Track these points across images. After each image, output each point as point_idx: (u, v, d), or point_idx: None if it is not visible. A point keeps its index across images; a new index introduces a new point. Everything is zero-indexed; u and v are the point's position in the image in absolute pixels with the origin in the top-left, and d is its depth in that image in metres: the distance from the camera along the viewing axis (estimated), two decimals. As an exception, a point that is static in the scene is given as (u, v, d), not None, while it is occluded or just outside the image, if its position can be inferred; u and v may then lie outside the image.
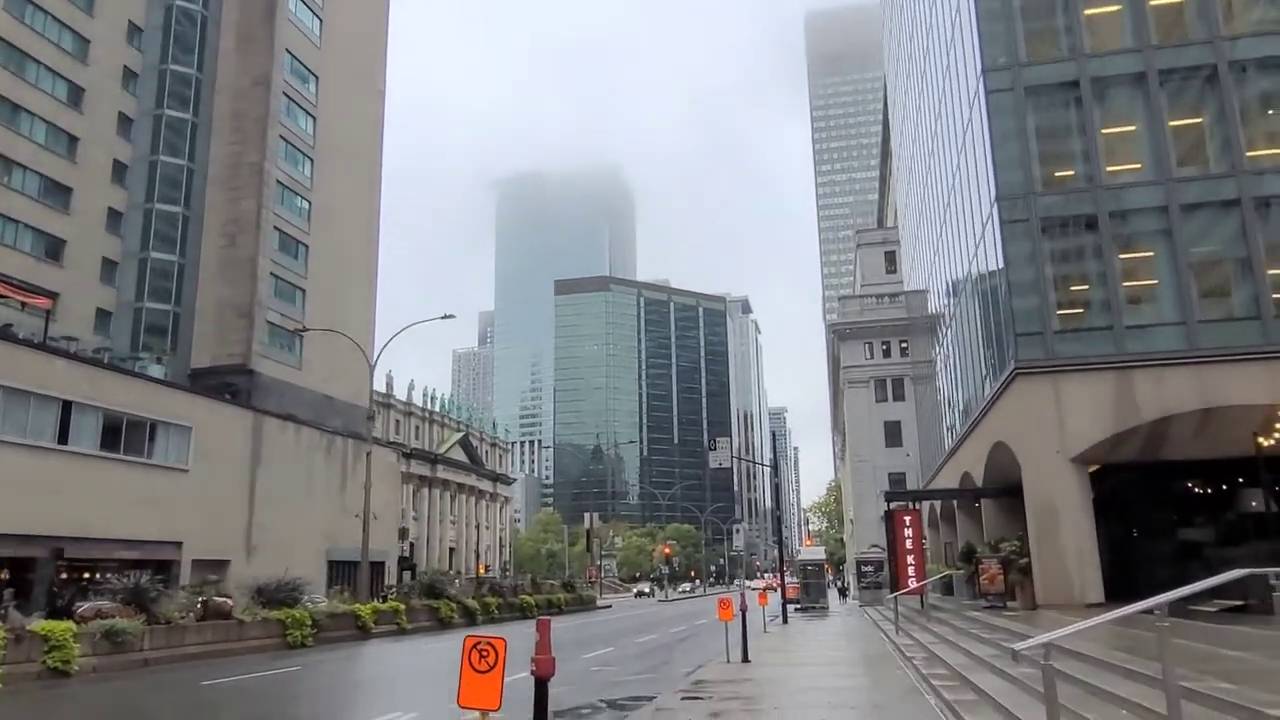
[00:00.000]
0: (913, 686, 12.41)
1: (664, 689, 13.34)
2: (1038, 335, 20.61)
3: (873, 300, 74.14)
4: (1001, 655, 12.43)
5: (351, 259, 55.17)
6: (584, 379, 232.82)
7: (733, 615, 16.96)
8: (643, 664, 18.67)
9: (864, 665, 15.72)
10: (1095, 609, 19.03)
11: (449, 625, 31.83)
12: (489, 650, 5.52)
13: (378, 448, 59.36)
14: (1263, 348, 19.21)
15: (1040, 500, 20.18)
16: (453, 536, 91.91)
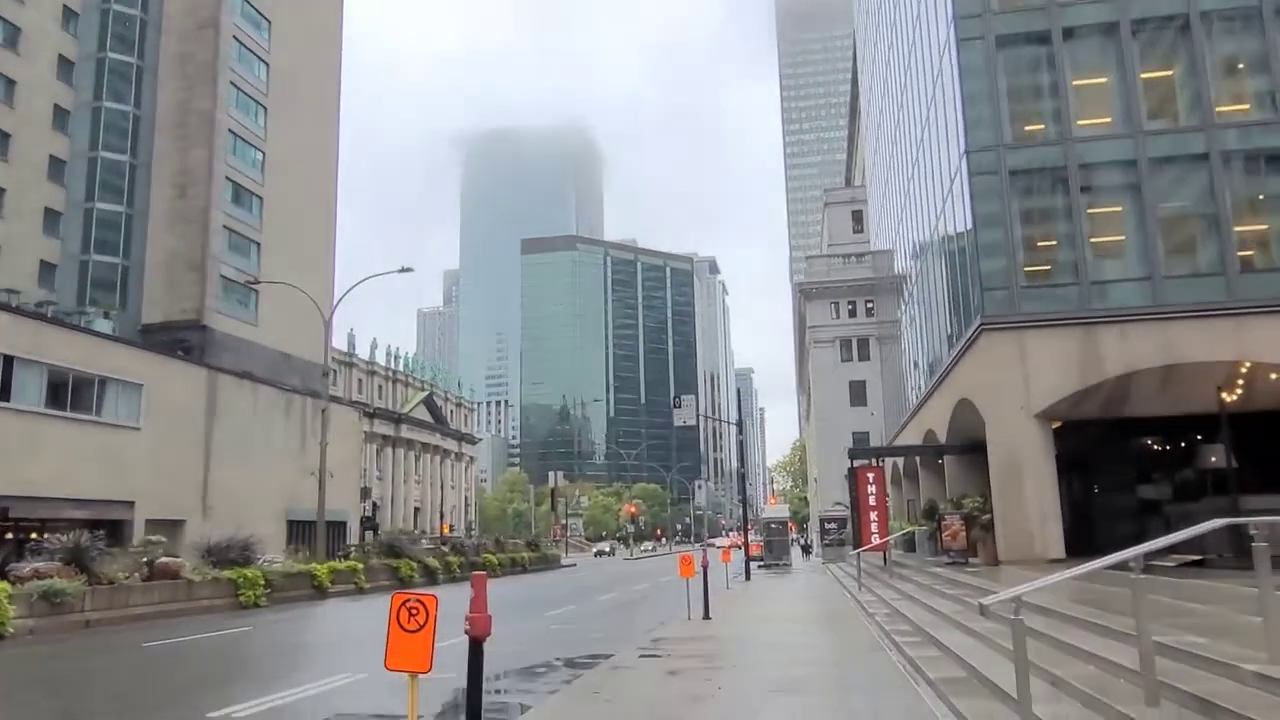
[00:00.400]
0: (875, 643, 12.20)
1: (623, 647, 13.03)
2: (1004, 290, 20.37)
3: (839, 260, 73.99)
4: (965, 611, 12.25)
5: (309, 213, 53.69)
6: (551, 339, 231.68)
7: (694, 572, 16.69)
8: (604, 622, 18.41)
9: (826, 622, 15.55)
10: (1056, 565, 19.06)
11: (409, 584, 31.40)
12: (419, 608, 5.06)
13: (338, 406, 58.42)
14: (1226, 304, 19.11)
15: (1004, 456, 20.09)
16: (418, 496, 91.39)
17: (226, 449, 43.51)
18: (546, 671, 11.53)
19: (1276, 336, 18.74)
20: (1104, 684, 6.55)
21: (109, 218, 43.76)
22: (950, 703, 7.32)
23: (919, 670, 9.15)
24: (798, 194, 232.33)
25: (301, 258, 51.20)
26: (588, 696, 8.67)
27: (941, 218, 25.03)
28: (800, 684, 8.99)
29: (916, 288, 32.35)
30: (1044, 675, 7.06)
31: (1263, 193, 20.36)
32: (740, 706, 8.01)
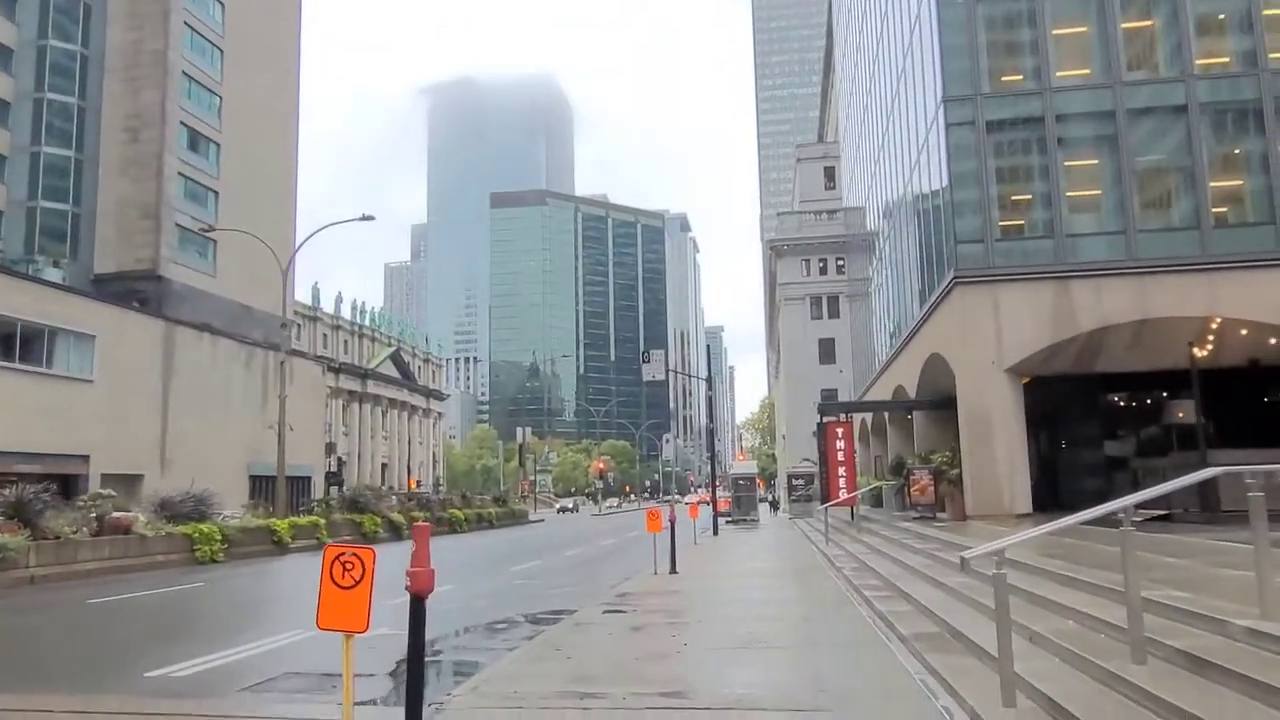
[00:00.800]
0: (843, 597, 11.98)
1: (587, 602, 12.72)
2: (979, 244, 20.05)
3: (811, 216, 73.54)
4: (935, 565, 12.05)
5: (268, 160, 52.12)
6: (520, 295, 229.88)
7: (661, 527, 16.41)
8: (569, 576, 18.12)
9: (793, 576, 15.35)
10: (1024, 520, 19.02)
11: (374, 540, 30.93)
12: (354, 563, 4.60)
13: (301, 360, 57.34)
14: (1200, 259, 18.95)
15: (974, 411, 19.93)
16: (385, 452, 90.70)
17: (185, 403, 42.52)
18: (507, 628, 11.18)
19: (1247, 292, 18.65)
20: (1084, 640, 6.28)
21: (57, 163, 42.07)
22: (925, 660, 7.03)
23: (890, 625, 8.89)
24: (770, 150, 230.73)
25: (261, 207, 49.77)
26: (547, 653, 8.30)
27: (916, 170, 24.60)
28: (767, 639, 8.69)
29: (888, 244, 32.02)
30: (1021, 631, 6.77)
31: (1238, 147, 20.15)
32: (704, 663, 7.68)
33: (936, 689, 6.28)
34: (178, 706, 6.94)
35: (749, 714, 5.90)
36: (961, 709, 5.66)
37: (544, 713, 6.11)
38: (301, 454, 52.95)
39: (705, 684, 6.82)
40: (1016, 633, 6.66)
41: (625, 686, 6.73)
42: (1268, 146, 19.24)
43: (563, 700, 6.41)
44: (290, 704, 7.07)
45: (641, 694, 6.48)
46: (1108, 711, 4.89)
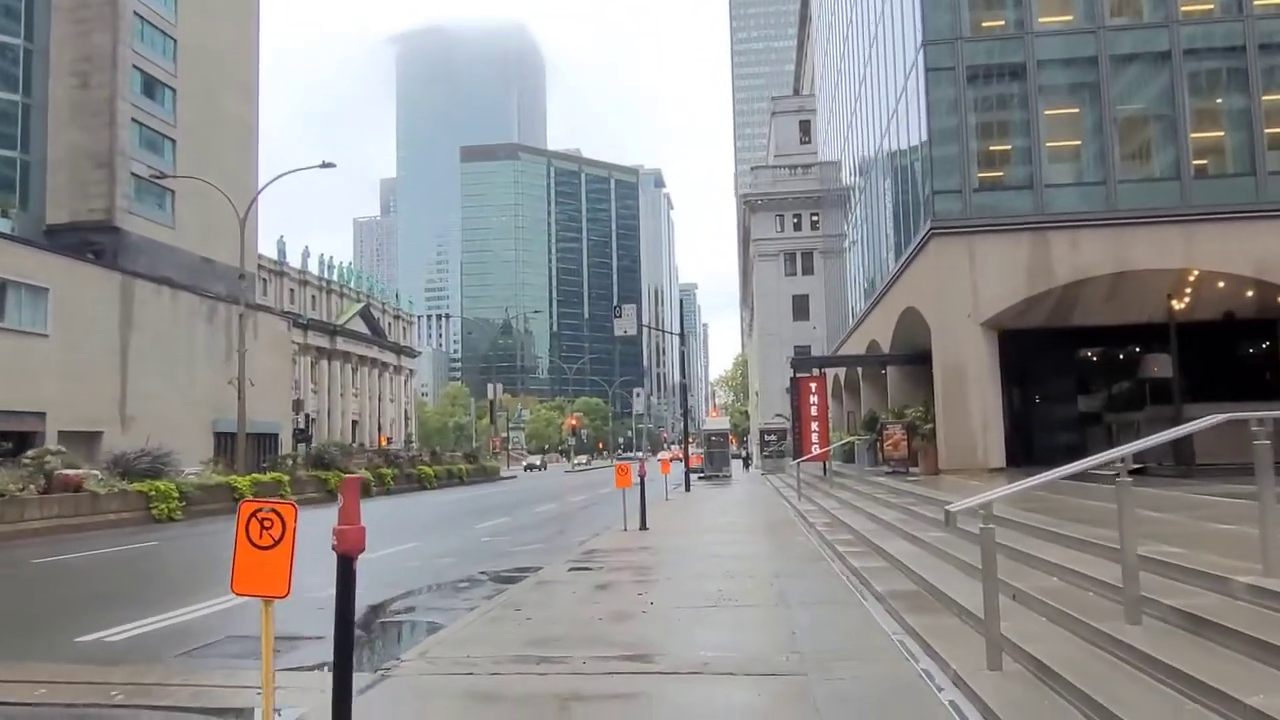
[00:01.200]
0: (816, 553, 11.66)
1: (554, 559, 12.34)
2: (956, 194, 19.59)
3: (785, 171, 72.74)
4: (910, 519, 11.75)
5: (228, 108, 50.36)
6: (492, 251, 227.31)
7: (630, 483, 16.03)
8: (537, 533, 17.74)
9: (765, 532, 15.06)
10: (997, 474, 18.85)
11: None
12: (273, 520, 4.09)
13: (266, 315, 56.19)
14: (1179, 210, 18.64)
15: (948, 365, 19.64)
16: (355, 410, 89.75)
17: (145, 358, 41.46)
18: (469, 587, 10.76)
19: (1225, 245, 18.41)
20: (1072, 598, 5.93)
21: (3, 108, 40.30)
22: (903, 619, 6.67)
23: (865, 582, 8.55)
24: (745, 105, 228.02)
25: (221, 156, 48.14)
26: (506, 614, 7.87)
27: (893, 119, 24.01)
28: (737, 598, 8.32)
29: (864, 196, 31.50)
30: (1004, 589, 6.42)
31: (1221, 96, 19.76)
32: (671, 624, 7.29)
33: (916, 650, 5.92)
34: (103, 674, 6.44)
35: (717, 679, 5.50)
36: (943, 672, 5.29)
37: (496, 679, 5.68)
38: (268, 411, 52.14)
39: (672, 646, 6.42)
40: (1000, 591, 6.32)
41: (586, 649, 6.32)
42: (1251, 95, 18.86)
43: (518, 665, 5.98)
44: (224, 670, 6.61)
45: (603, 657, 6.07)
46: (1102, 675, 4.53)
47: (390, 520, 22.75)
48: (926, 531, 10.24)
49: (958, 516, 5.25)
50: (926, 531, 10.24)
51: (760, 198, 71.83)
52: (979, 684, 4.79)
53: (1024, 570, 7.00)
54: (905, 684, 5.25)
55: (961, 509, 5.23)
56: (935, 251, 19.76)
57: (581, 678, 5.61)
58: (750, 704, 5.07)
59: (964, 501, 5.33)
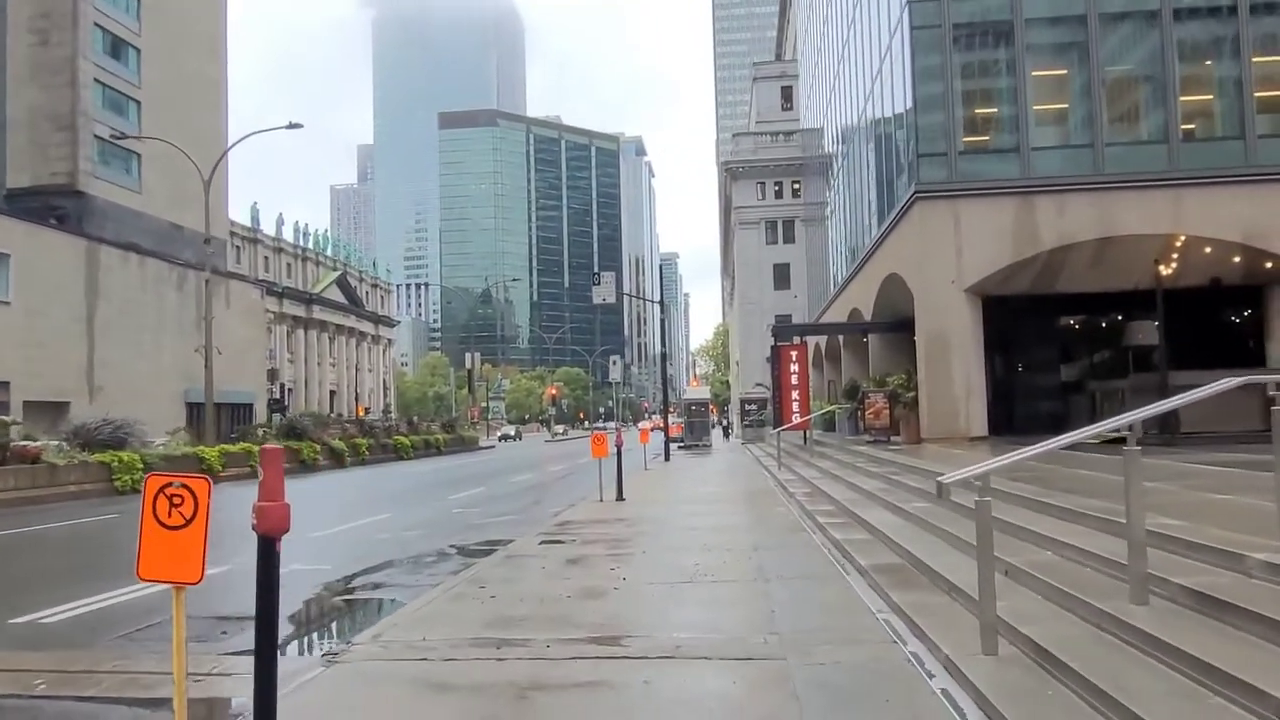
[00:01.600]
0: (797, 524, 11.30)
1: (527, 531, 11.93)
2: (942, 156, 19.10)
3: (767, 138, 71.94)
4: (893, 489, 11.40)
5: (195, 69, 48.92)
6: (471, 219, 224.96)
7: (607, 452, 15.60)
8: (511, 504, 17.32)
9: (745, 502, 14.70)
10: (979, 443, 18.59)
11: (313, 468, 29.88)
12: (183, 497, 3.59)
13: (238, 283, 55.14)
14: (1167, 174, 18.27)
15: (931, 332, 19.28)
16: (333, 380, 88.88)
17: (113, 326, 40.52)
18: (436, 561, 10.32)
19: (1213, 209, 18.10)
20: (1070, 575, 5.55)
21: (-42, 66, 38.85)
22: (888, 596, 6.29)
23: (847, 555, 8.18)
24: (727, 73, 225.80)
25: (189, 118, 46.79)
26: (470, 591, 7.44)
27: (877, 80, 23.43)
28: (714, 573, 7.92)
29: (846, 162, 30.95)
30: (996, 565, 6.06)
31: (1211, 58, 19.33)
32: (644, 602, 6.88)
33: (903, 631, 5.53)
34: (30, 661, 5.95)
35: (690, 665, 5.09)
36: (933, 656, 4.90)
37: (451, 666, 5.24)
38: (242, 380, 51.33)
39: (643, 626, 6.01)
40: (992, 566, 5.96)
41: (551, 631, 5.89)
42: (1240, 57, 18.46)
43: (477, 649, 5.54)
44: (159, 655, 6.12)
45: (569, 640, 5.65)
46: (1107, 660, 4.15)
47: (364, 491, 22.28)
48: (910, 502, 9.89)
49: (950, 488, 4.83)
50: (910, 502, 9.89)
51: (741, 165, 71.07)
52: (973, 670, 4.40)
53: (1016, 544, 6.63)
54: (892, 669, 4.86)
55: (955, 480, 4.82)
56: (919, 216, 19.32)
57: (544, 664, 5.18)
58: (725, 691, 4.67)
59: (958, 472, 4.91)
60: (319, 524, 14.36)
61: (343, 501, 19.51)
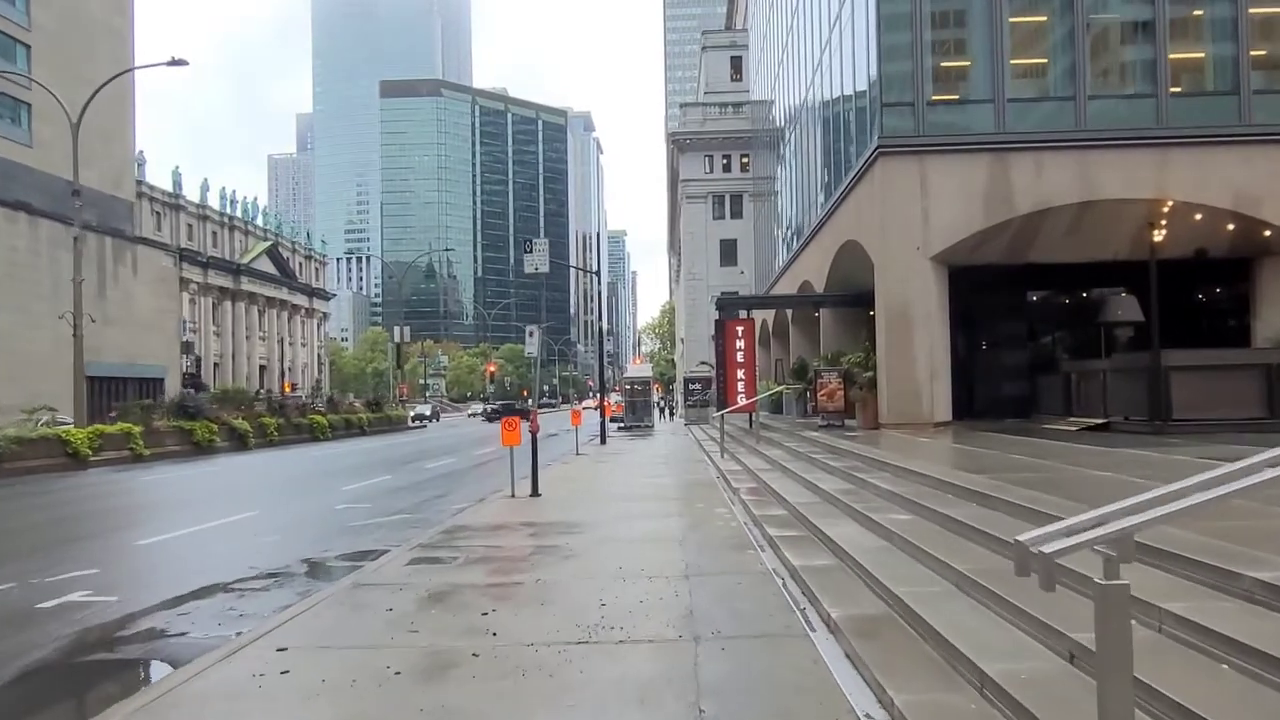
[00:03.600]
0: (741, 537, 9.07)
1: (409, 539, 9.57)
2: (908, 107, 16.97)
3: (716, 109, 69.71)
4: (859, 491, 9.23)
5: (94, 14, 44.73)
6: (414, 192, 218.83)
7: (518, 440, 13.23)
8: (411, 498, 14.87)
9: (680, 502, 12.45)
10: (943, 429, 16.66)
11: (209, 450, 26.91)
12: None
13: (147, 249, 51.22)
14: (1154, 131, 16.44)
15: (893, 305, 17.24)
16: (263, 354, 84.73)
17: (1, 292, 36.80)
18: (271, 586, 7.87)
19: (1200, 172, 16.36)
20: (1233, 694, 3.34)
21: None
22: (880, 687, 4.03)
23: (810, 597, 5.95)
24: (677, 48, 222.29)
25: (87, 68, 42.64)
26: (259, 659, 5.03)
27: (836, 26, 21.18)
28: (623, 622, 5.63)
29: (800, 119, 28.72)
30: (1060, 641, 3.85)
31: (1202, 6, 17.45)
32: (507, 688, 4.54)
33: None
34: None
35: None
36: None
37: None
38: (150, 353, 47.79)
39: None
40: (1051, 646, 3.75)
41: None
42: (1236, 5, 16.63)
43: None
44: None
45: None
46: None
47: (246, 480, 19.54)
48: (885, 512, 7.71)
49: (1048, 560, 2.53)
50: (885, 512, 7.71)
51: (689, 137, 68.76)
52: None
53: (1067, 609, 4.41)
54: None
55: (1062, 546, 2.53)
56: (882, 174, 17.19)
57: None
58: None
59: (1062, 529, 2.64)
60: (160, 526, 11.78)
61: (211, 493, 16.82)
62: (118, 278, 46.34)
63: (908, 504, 7.72)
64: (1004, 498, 6.71)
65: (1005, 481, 7.64)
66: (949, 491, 7.77)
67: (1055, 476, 8.00)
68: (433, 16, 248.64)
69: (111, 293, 45.11)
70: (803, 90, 26.33)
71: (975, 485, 7.57)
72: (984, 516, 6.52)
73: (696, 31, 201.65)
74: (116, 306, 44.90)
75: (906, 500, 7.82)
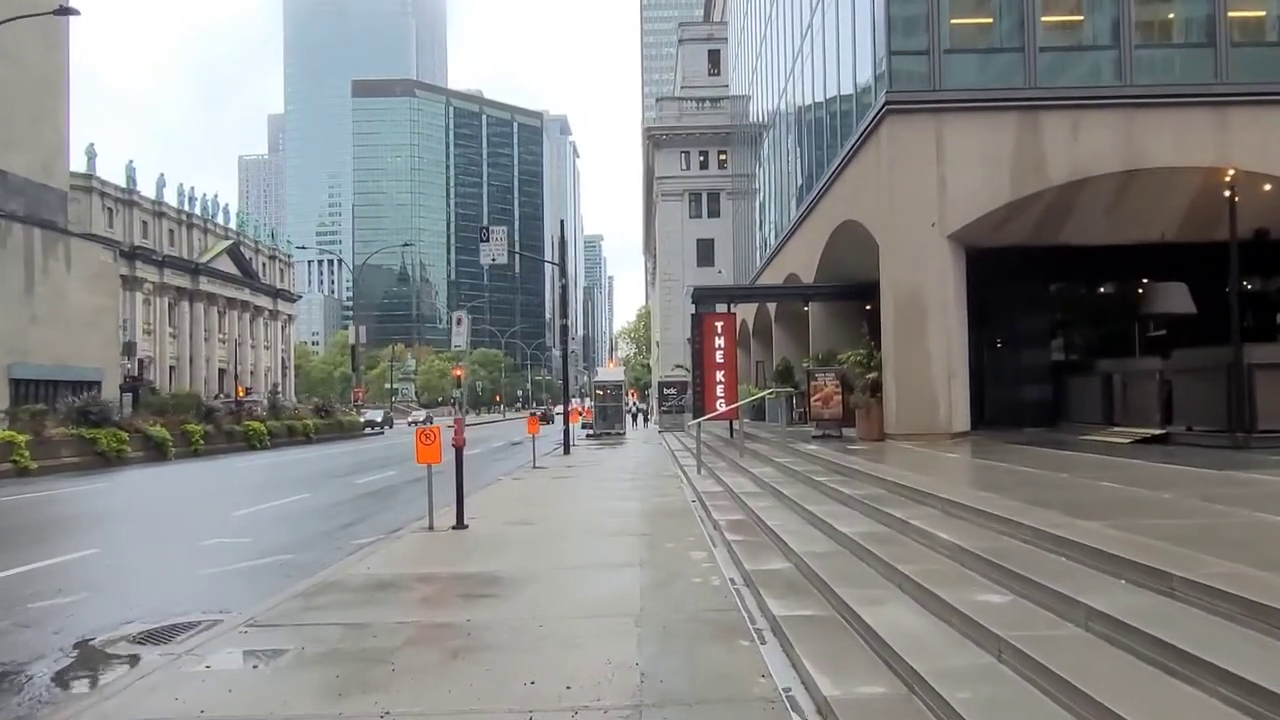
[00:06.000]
0: (727, 609, 6.19)
1: (270, 597, 6.65)
2: (922, 55, 14.24)
3: (693, 105, 67.19)
4: (897, 539, 6.39)
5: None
6: (386, 193, 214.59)
7: (438, 457, 10.33)
8: (313, 528, 11.91)
9: (645, 541, 9.54)
10: (960, 440, 13.93)
11: (118, 462, 23.66)
12: None
13: (84, 243, 47.62)
14: (1212, 87, 13.83)
15: (903, 293, 14.49)
16: (223, 357, 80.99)
17: (-95, 287, 33.37)
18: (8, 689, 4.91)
19: (1267, 135, 13.75)
20: None
21: None
22: None
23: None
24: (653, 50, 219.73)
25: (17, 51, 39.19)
26: None
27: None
28: None
29: (785, 99, 25.95)
30: None
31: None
32: None
33: None
34: None
35: None
36: None
37: None
38: (85, 354, 44.23)
39: None
40: None
41: None
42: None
43: None
44: None
45: None
46: None
47: (121, 502, 16.31)
48: (961, 587, 4.85)
49: None
50: (961, 587, 4.85)
51: (665, 132, 66.13)
52: None
53: None
54: None
55: None
56: (889, 137, 14.43)
57: None
58: None
59: None
60: None
61: (58, 521, 13.62)
62: (48, 272, 42.78)
63: (990, 569, 4.90)
64: (1174, 571, 3.91)
65: (1139, 533, 4.86)
66: (1050, 546, 4.97)
67: (1213, 523, 5.23)
68: (407, 19, 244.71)
69: (41, 289, 41.62)
70: (790, 58, 23.59)
71: (1092, 538, 4.78)
72: (1158, 612, 3.72)
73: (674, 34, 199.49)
74: (47, 304, 41.46)
75: (984, 560, 5.00)
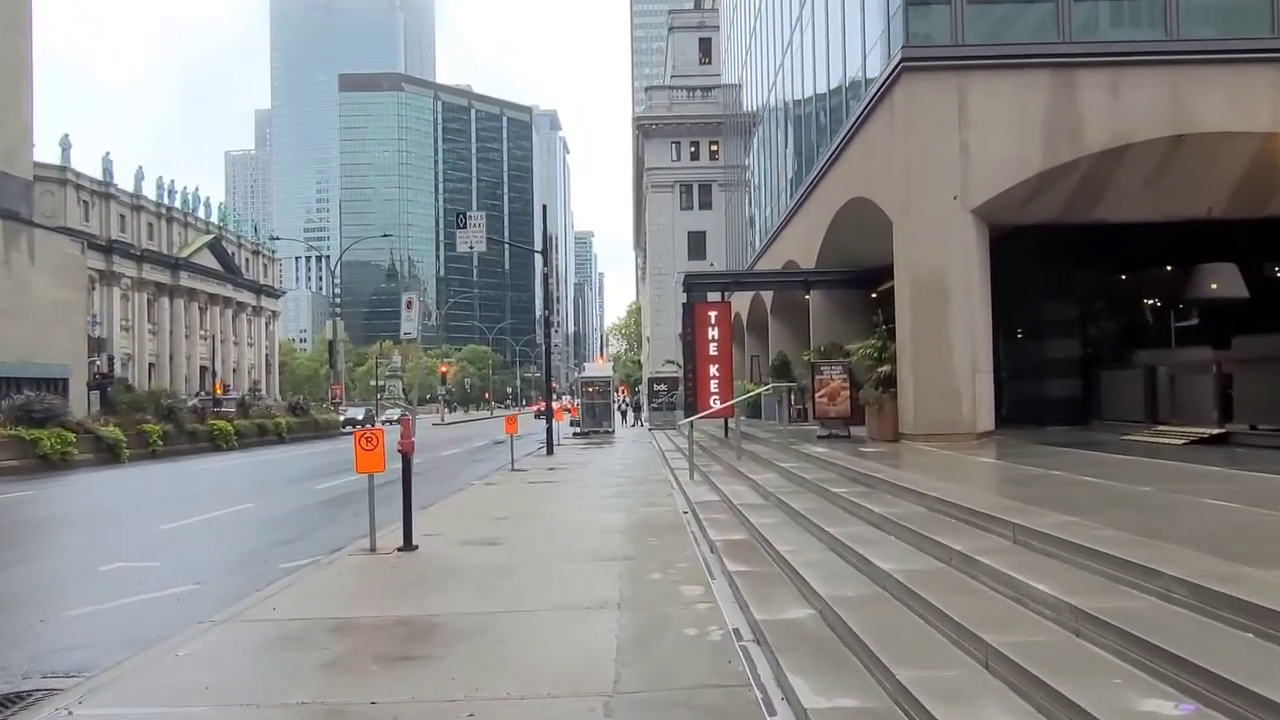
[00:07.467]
0: (737, 685, 4.56)
1: (132, 656, 4.99)
2: (943, 5, 12.61)
3: (683, 94, 65.48)
4: (966, 585, 4.71)
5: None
6: (374, 189, 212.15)
7: (380, 465, 8.68)
8: (244, 545, 10.26)
9: (628, 569, 7.84)
10: (985, 441, 12.33)
11: (63, 465, 21.87)
12: None
13: (47, 234, 45.64)
14: (1272, 42, 12.24)
15: (921, 276, 12.86)
16: (204, 354, 78.95)
17: None
18: None
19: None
20: None
21: None
22: None
23: None
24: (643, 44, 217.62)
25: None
26: None
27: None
28: None
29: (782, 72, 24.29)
30: None
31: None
32: None
33: None
34: None
35: None
36: None
37: None
38: (50, 351, 42.28)
39: None
40: None
41: None
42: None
43: None
44: None
45: None
46: None
47: (31, 515, 14.54)
48: (1118, 687, 3.21)
49: None
50: (1118, 687, 3.21)
51: (655, 122, 64.42)
52: None
53: None
54: None
55: None
56: (906, 98, 12.78)
57: None
58: None
59: None
60: None
61: None
62: (10, 264, 40.91)
63: (1133, 647, 3.25)
64: None
65: None
66: (1223, 610, 3.33)
67: None
68: (395, 13, 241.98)
69: (3, 282, 39.74)
70: (789, 26, 21.92)
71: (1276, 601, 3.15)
72: None
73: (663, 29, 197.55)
74: (9, 298, 39.57)
75: (1118, 631, 3.36)
